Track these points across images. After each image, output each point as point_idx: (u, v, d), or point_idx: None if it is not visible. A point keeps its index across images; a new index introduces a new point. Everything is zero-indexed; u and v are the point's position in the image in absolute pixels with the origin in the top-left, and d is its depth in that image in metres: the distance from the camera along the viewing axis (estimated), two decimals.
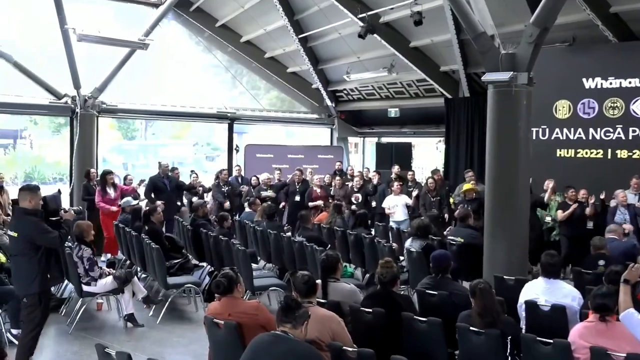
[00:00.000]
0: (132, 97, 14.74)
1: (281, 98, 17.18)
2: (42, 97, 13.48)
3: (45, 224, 5.67)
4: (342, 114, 17.26)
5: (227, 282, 4.81)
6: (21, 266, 5.71)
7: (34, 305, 5.69)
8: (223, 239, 8.57)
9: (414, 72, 13.67)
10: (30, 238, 5.61)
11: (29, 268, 5.63)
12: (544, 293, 5.44)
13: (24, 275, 5.69)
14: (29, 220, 5.61)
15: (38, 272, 5.63)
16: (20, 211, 5.71)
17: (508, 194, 7.81)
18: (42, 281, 5.66)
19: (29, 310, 5.71)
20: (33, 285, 5.64)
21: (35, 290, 5.65)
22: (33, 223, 5.59)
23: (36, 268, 5.62)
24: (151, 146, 23.36)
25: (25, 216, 5.63)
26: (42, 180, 21.32)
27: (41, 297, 5.71)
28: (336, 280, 5.48)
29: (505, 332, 4.61)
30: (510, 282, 6.45)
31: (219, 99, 15.98)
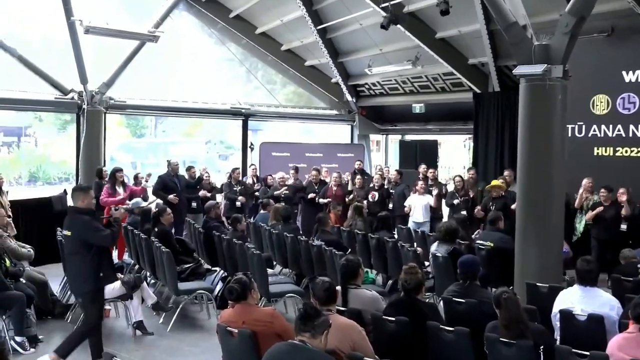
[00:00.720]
0: (141, 93, 14.85)
1: (298, 93, 17.20)
2: (48, 93, 13.63)
3: (97, 223, 6.13)
4: (363, 109, 17.24)
5: (241, 287, 4.83)
6: (74, 265, 6.19)
7: (88, 305, 6.16)
8: (237, 243, 8.60)
9: (440, 65, 13.61)
10: (82, 237, 6.03)
11: (82, 267, 6.08)
12: (580, 302, 5.39)
13: (77, 274, 6.17)
14: (81, 219, 6.04)
15: (91, 271, 6.04)
16: (73, 210, 6.16)
17: (542, 196, 7.76)
18: (95, 280, 6.07)
19: (84, 310, 6.25)
20: (86, 284, 6.08)
21: (88, 288, 6.09)
22: (85, 222, 6.02)
23: (89, 267, 6.04)
24: (161, 144, 23.51)
25: (78, 215, 6.07)
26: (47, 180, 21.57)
27: (96, 295, 6.15)
28: (357, 287, 5.47)
29: (537, 342, 4.57)
30: (544, 289, 6.40)
31: (233, 94, 16.05)
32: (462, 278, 5.83)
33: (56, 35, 13.45)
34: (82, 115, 13.56)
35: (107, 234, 6.07)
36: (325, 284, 4.73)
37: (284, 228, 9.76)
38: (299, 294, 7.97)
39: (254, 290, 4.90)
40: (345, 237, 10.17)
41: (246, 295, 4.84)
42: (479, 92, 13.64)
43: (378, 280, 9.61)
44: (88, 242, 6.02)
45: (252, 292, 4.87)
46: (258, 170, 14.40)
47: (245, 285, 4.85)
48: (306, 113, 17.14)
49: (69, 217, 6.23)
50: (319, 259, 8.55)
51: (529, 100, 7.80)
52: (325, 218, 9.44)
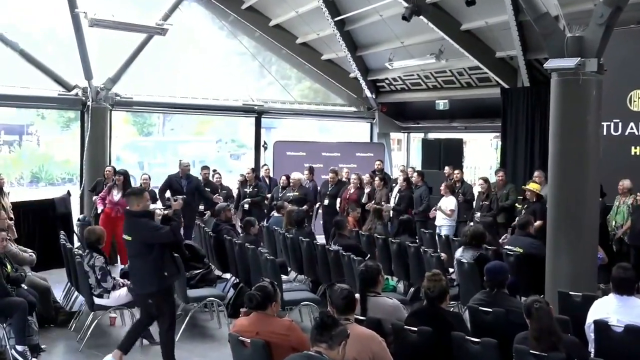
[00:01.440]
0: (148, 89, 14.93)
1: (314, 89, 17.22)
2: (50, 89, 13.74)
3: (154, 222, 6.47)
4: (384, 106, 17.22)
5: (262, 297, 4.79)
6: (138, 267, 6.58)
7: (160, 305, 6.51)
8: (249, 247, 8.63)
9: (466, 59, 13.56)
10: (143, 238, 6.41)
11: (145, 268, 6.45)
12: (616, 312, 5.35)
13: (141, 275, 6.54)
14: (138, 222, 6.43)
15: (155, 271, 6.40)
16: (130, 214, 6.56)
17: (574, 198, 7.70)
18: (160, 279, 6.42)
19: (158, 311, 6.54)
20: (152, 284, 6.44)
21: (153, 289, 6.46)
22: (142, 224, 6.39)
23: (151, 267, 6.39)
24: (169, 143, 23.62)
25: (134, 218, 6.47)
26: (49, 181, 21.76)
27: (164, 295, 6.52)
28: (377, 295, 5.47)
29: (569, 355, 4.54)
30: (577, 299, 6.36)
31: (245, 90, 16.09)
32: (489, 286, 5.81)
33: (60, 28, 13.57)
34: (86, 112, 13.66)
35: (166, 231, 6.38)
36: (344, 291, 4.72)
37: (299, 232, 9.78)
38: (315, 302, 7.98)
39: (276, 302, 4.88)
40: (364, 242, 10.17)
41: (266, 306, 4.80)
42: (507, 87, 13.57)
43: (399, 288, 9.60)
44: (149, 243, 6.38)
45: (273, 304, 4.85)
46: (271, 170, 14.43)
47: (268, 295, 4.81)
48: (323, 110, 17.14)
49: (126, 222, 6.67)
50: (336, 264, 8.55)
51: (561, 96, 7.75)
52: (343, 221, 9.46)
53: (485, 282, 5.89)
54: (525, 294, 7.31)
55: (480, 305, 5.70)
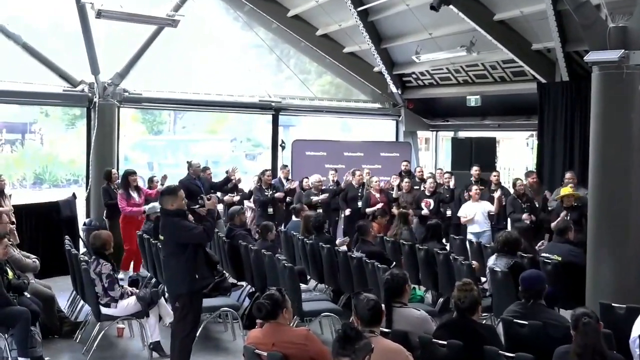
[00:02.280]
0: (159, 84, 15.01)
1: (336, 84, 17.21)
2: (55, 85, 13.84)
3: (187, 222, 6.75)
4: (411, 102, 17.18)
5: (272, 305, 4.85)
6: (170, 267, 6.79)
7: (186, 308, 6.66)
8: (266, 254, 8.65)
9: (499, 52, 13.49)
10: (175, 238, 6.65)
11: (177, 268, 6.66)
12: None
13: (173, 275, 6.76)
14: (171, 221, 6.66)
15: (187, 272, 6.60)
16: (164, 213, 6.85)
17: (618, 202, 7.64)
18: (191, 281, 6.61)
19: (180, 315, 6.71)
20: (182, 285, 6.63)
21: (184, 290, 6.64)
22: (175, 223, 6.62)
23: (184, 268, 6.59)
24: (181, 142, 23.75)
25: (168, 217, 6.72)
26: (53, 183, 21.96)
27: (192, 298, 6.68)
28: (403, 306, 5.47)
29: None
30: (620, 311, 6.31)
31: (262, 85, 16.12)
32: (525, 296, 5.78)
33: (65, 20, 13.66)
34: (93, 109, 13.75)
35: (199, 231, 6.59)
36: (370, 301, 4.74)
37: (320, 238, 9.78)
38: (337, 313, 7.98)
39: (286, 309, 4.92)
40: (389, 249, 10.16)
41: (277, 314, 4.85)
42: (544, 82, 13.48)
43: (427, 298, 9.58)
44: (182, 243, 6.59)
45: (284, 312, 4.89)
46: (290, 172, 14.43)
47: (277, 303, 4.87)
48: (345, 107, 17.13)
49: (161, 221, 6.99)
50: (359, 273, 8.55)
51: (603, 92, 7.69)
52: (366, 226, 9.43)
53: (520, 292, 5.86)
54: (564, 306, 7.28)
55: (515, 318, 5.68)
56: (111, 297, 7.61)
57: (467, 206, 11.89)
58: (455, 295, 5.27)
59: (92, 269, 7.61)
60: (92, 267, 7.63)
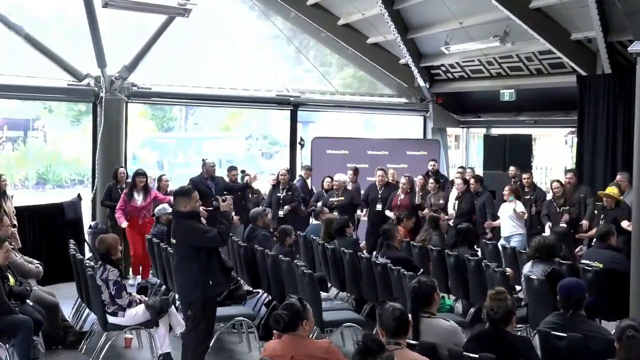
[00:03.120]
0: (169, 78, 15.06)
1: (359, 77, 17.21)
2: (59, 79, 13.92)
3: (201, 224, 6.83)
4: (440, 97, 17.14)
5: (291, 316, 4.84)
6: (183, 272, 6.85)
7: (198, 317, 6.71)
8: (284, 260, 8.66)
9: (536, 42, 13.43)
10: (188, 241, 6.73)
11: (189, 274, 6.73)
12: None
13: (185, 281, 6.81)
14: (183, 224, 6.74)
15: (200, 278, 6.64)
16: (176, 215, 6.95)
17: None
18: (204, 288, 6.66)
19: (193, 324, 6.76)
20: (195, 291, 6.69)
21: (197, 296, 6.69)
22: (187, 226, 6.70)
23: (197, 273, 6.65)
24: (193, 140, 23.88)
25: (180, 219, 6.80)
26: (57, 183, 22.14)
27: (205, 306, 6.72)
28: (431, 316, 5.46)
29: None
30: None
31: (279, 79, 16.15)
32: (563, 306, 5.76)
33: (70, 10, 13.76)
34: (99, 105, 13.82)
35: (213, 234, 6.63)
36: (396, 311, 4.73)
37: (341, 242, 9.78)
38: (359, 324, 7.97)
39: (307, 320, 4.91)
40: (416, 254, 10.15)
41: (296, 326, 4.85)
42: (584, 74, 13.41)
43: (457, 308, 9.55)
44: (195, 246, 6.66)
45: (304, 323, 4.89)
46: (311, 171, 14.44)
47: (297, 314, 4.86)
48: (368, 102, 17.12)
49: (173, 224, 7.02)
50: (383, 280, 8.54)
51: None
52: (392, 231, 9.42)
53: (558, 302, 5.83)
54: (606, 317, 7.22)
55: (553, 329, 5.66)
56: (118, 305, 7.65)
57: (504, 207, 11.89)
58: (487, 304, 5.25)
59: (99, 275, 7.66)
60: (98, 273, 7.68)
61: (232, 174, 12.97)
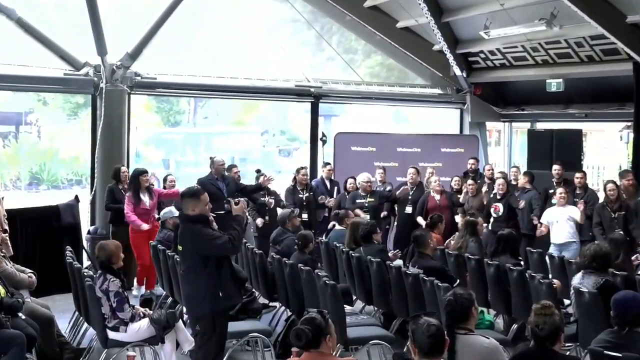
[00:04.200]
0: (176, 67, 15.12)
1: (388, 66, 17.20)
2: (55, 68, 14.00)
3: (210, 229, 6.82)
4: (478, 88, 17.10)
5: (313, 331, 4.85)
6: (190, 282, 6.89)
7: (208, 332, 6.75)
8: (304, 269, 8.65)
9: (586, 25, 13.36)
10: (196, 249, 6.77)
11: (198, 285, 6.77)
12: None
13: (193, 293, 6.85)
14: (191, 229, 6.80)
15: (209, 290, 6.68)
16: (183, 219, 7.00)
17: None
18: (214, 300, 6.69)
19: (202, 340, 6.81)
20: (203, 304, 6.73)
21: (205, 310, 6.74)
22: (195, 231, 6.75)
23: (206, 284, 6.70)
24: (202, 135, 23.92)
25: (188, 224, 6.86)
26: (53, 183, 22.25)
27: (216, 320, 6.76)
28: (468, 332, 5.45)
29: None
30: None
31: (299, 67, 16.16)
32: (618, 323, 5.75)
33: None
34: (99, 96, 13.88)
35: (224, 240, 6.66)
36: (431, 327, 4.73)
37: (367, 250, 9.78)
38: (388, 341, 7.96)
39: (330, 335, 4.93)
40: (452, 263, 10.13)
41: (319, 342, 4.85)
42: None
43: (498, 324, 9.52)
44: (203, 254, 6.71)
45: (327, 339, 4.90)
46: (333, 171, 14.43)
47: (319, 329, 4.87)
48: (398, 93, 17.10)
49: (180, 229, 7.09)
50: (415, 292, 8.52)
51: None
52: (425, 237, 9.40)
53: (612, 318, 5.82)
54: None
55: (606, 349, 5.66)
56: (120, 320, 7.68)
57: (549, 211, 11.80)
58: (532, 320, 5.23)
59: (98, 285, 7.69)
60: (97, 283, 7.71)
61: (233, 172, 12.88)
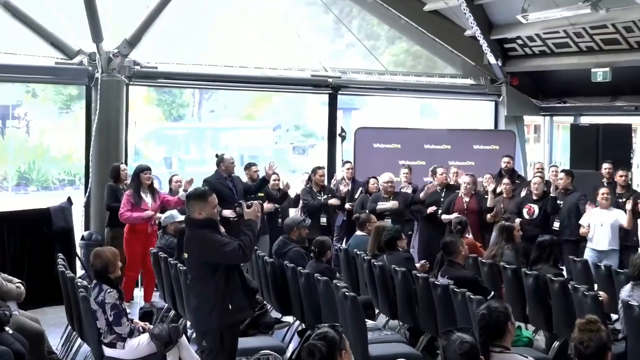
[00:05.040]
0: (179, 55, 15.14)
1: (414, 53, 17.20)
2: (45, 56, 14.04)
3: (219, 235, 6.81)
4: (515, 78, 17.08)
5: (327, 347, 4.87)
6: (196, 294, 6.94)
7: (215, 349, 6.77)
8: (321, 279, 8.65)
9: (636, 8, 13.33)
10: (202, 256, 6.80)
11: (204, 297, 6.80)
12: None
13: (199, 306, 6.89)
14: (198, 234, 6.79)
15: (217, 301, 6.71)
16: (189, 223, 7.02)
17: None
18: (221, 313, 6.71)
19: (208, 358, 6.84)
20: (210, 318, 6.76)
21: (213, 325, 6.77)
22: (202, 237, 6.75)
23: (213, 296, 6.72)
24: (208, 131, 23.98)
25: (194, 229, 6.87)
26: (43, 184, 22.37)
27: (224, 336, 6.78)
28: (504, 350, 5.45)
29: None
30: None
31: (315, 55, 16.16)
32: None
33: None
34: (94, 88, 13.88)
35: (233, 247, 6.65)
36: (464, 344, 4.75)
37: (392, 258, 9.77)
38: (414, 359, 7.95)
39: (345, 351, 4.94)
40: (485, 274, 10.12)
41: (334, 359, 4.87)
42: None
43: (537, 342, 9.49)
44: (210, 262, 6.72)
45: (342, 354, 4.91)
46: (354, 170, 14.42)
47: (333, 344, 4.89)
48: (425, 84, 17.07)
49: (185, 235, 7.06)
50: (444, 306, 8.51)
51: None
52: (455, 244, 9.38)
53: None
54: None
55: None
56: (117, 335, 7.69)
57: (590, 214, 11.75)
58: (575, 337, 5.21)
59: (93, 297, 7.71)
60: (92, 294, 7.73)
61: (252, 172, 12.88)
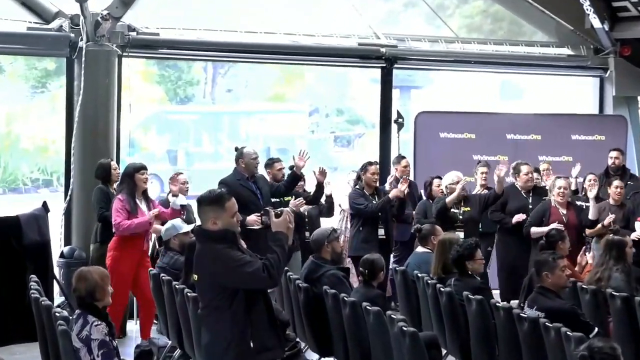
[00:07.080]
0: (186, 19, 15.20)
1: (493, 14, 17.19)
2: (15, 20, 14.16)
3: (238, 251, 6.67)
4: (626, 47, 16.98)
5: None
6: (209, 328, 6.84)
7: None
8: (370, 309, 8.65)
9: None
10: (217, 279, 6.64)
11: (219, 330, 6.70)
12: None
13: (213, 342, 6.78)
14: (210, 251, 6.67)
15: (234, 337, 6.62)
16: (200, 236, 6.86)
17: None
18: (240, 353, 6.64)
19: None
20: (227, 358, 6.66)
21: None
22: (217, 253, 6.60)
23: (231, 329, 6.62)
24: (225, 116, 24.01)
25: (206, 243, 6.74)
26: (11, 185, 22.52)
27: None
28: None
29: None
30: None
31: (363, 19, 16.17)
32: None
33: None
34: (77, 60, 13.96)
35: (257, 268, 6.51)
36: None
37: (462, 283, 9.74)
38: None
39: None
40: (587, 302, 10.08)
41: None
42: None
43: None
44: (227, 287, 6.58)
45: None
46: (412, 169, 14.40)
47: None
48: (508, 54, 17.02)
49: (196, 250, 6.91)
50: (533, 344, 8.48)
51: None
52: (548, 264, 9.35)
53: None
54: None
55: None
56: None
57: None
58: None
59: (76, 332, 7.75)
60: (75, 329, 7.78)
61: (275, 170, 12.87)
